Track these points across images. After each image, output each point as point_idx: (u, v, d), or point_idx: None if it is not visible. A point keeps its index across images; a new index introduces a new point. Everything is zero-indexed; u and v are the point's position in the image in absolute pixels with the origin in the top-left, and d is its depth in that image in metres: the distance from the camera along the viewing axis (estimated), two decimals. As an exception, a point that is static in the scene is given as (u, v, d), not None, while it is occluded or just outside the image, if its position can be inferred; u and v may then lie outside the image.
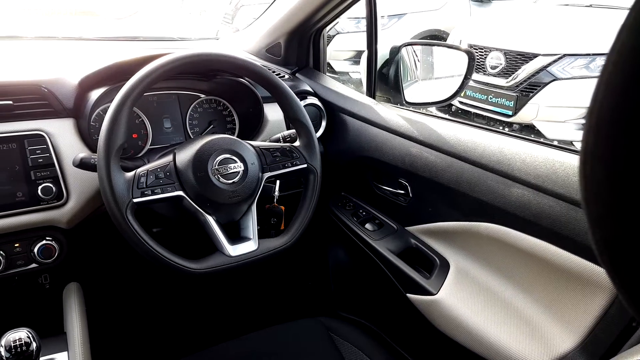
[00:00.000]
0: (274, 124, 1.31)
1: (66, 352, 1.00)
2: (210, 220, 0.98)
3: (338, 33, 4.67)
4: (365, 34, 1.35)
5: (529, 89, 3.52)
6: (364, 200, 1.38)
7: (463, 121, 1.16)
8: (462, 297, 1.06)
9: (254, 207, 1.04)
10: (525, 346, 0.93)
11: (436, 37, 4.96)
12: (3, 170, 0.97)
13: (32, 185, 0.99)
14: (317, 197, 1.10)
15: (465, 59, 1.26)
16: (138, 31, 1.78)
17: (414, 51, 1.43)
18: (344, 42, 4.66)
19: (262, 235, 1.05)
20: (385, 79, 1.37)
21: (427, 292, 1.10)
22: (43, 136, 1.02)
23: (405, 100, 1.33)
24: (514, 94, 3.59)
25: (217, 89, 1.32)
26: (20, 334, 0.79)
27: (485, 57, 3.80)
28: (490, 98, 3.75)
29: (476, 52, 3.84)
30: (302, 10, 1.34)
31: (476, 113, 3.91)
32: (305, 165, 1.08)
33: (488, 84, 3.78)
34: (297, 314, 1.30)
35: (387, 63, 1.36)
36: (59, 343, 1.02)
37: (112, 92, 1.09)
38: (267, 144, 1.10)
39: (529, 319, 0.95)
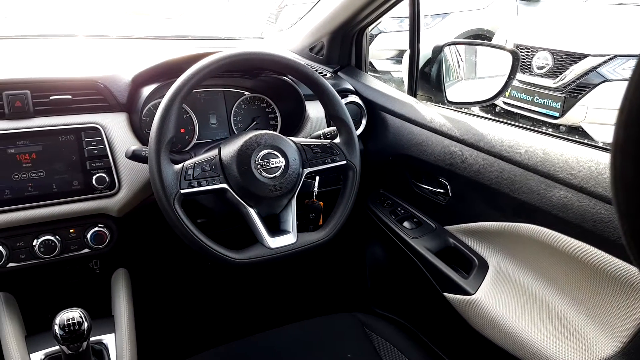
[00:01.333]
0: (315, 121, 1.34)
1: (113, 334, 1.06)
2: (252, 212, 1.01)
3: (380, 32, 4.66)
4: (407, 33, 1.36)
5: (577, 90, 3.42)
6: (402, 198, 1.39)
7: (505, 121, 1.15)
8: (500, 298, 1.05)
9: (293, 202, 1.07)
10: (564, 350, 0.92)
11: (481, 37, 4.88)
12: (62, 160, 1.03)
13: (87, 174, 1.05)
14: (356, 193, 1.12)
15: (509, 58, 1.25)
16: (186, 30, 1.85)
17: (457, 50, 1.43)
18: (386, 41, 4.65)
19: (300, 229, 1.07)
20: (427, 78, 1.38)
21: (465, 292, 1.10)
22: (98, 129, 1.08)
23: (447, 99, 1.33)
24: (561, 95, 3.49)
25: (260, 87, 1.36)
26: (74, 314, 0.85)
27: (532, 57, 3.71)
28: (536, 99, 3.66)
29: (522, 52, 3.75)
30: (346, 10, 1.36)
31: (521, 114, 3.82)
32: (344, 162, 1.10)
33: (534, 84, 3.69)
34: (333, 309, 1.33)
35: (429, 62, 1.36)
36: (107, 325, 1.08)
37: (163, 88, 1.14)
38: (308, 140, 1.12)
39: (569, 323, 0.94)
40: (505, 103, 3.94)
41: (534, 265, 1.03)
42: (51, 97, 1.06)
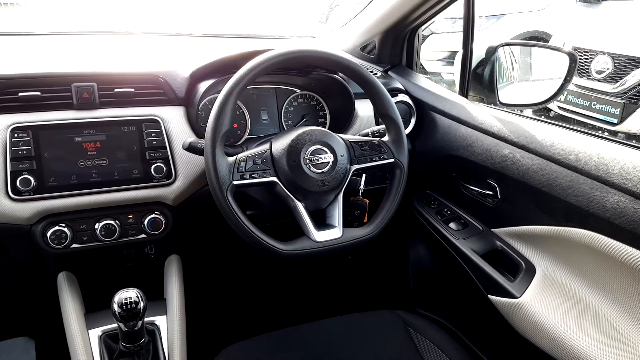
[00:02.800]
0: (363, 119, 1.35)
1: (165, 316, 1.12)
2: (299, 206, 1.04)
3: (432, 33, 4.60)
4: (461, 34, 1.35)
5: (638, 96, 3.26)
6: (449, 199, 1.38)
7: (558, 123, 1.13)
8: (547, 302, 1.03)
9: (340, 197, 1.08)
10: (612, 358, 0.89)
11: (537, 39, 4.73)
12: (123, 149, 1.09)
13: (146, 164, 1.11)
14: (402, 192, 1.12)
15: (566, 61, 1.22)
16: (241, 29, 1.90)
17: (512, 52, 1.41)
18: (438, 42, 4.59)
19: (345, 226, 1.09)
20: (479, 79, 1.36)
21: (510, 295, 1.09)
22: (158, 121, 1.13)
23: (499, 100, 1.31)
24: (621, 101, 3.34)
25: (311, 85, 1.39)
26: (131, 294, 0.90)
27: (591, 61, 3.57)
28: (594, 104, 3.52)
29: (581, 55, 3.61)
30: (399, 9, 1.37)
31: (577, 119, 3.69)
32: (392, 160, 1.11)
33: (592, 89, 3.55)
34: (375, 306, 1.34)
35: (482, 63, 1.35)
36: (160, 307, 1.13)
37: (219, 84, 1.19)
38: (356, 137, 1.14)
39: (619, 331, 0.91)
40: (560, 107, 3.81)
41: (584, 271, 1.00)
42: (115, 90, 1.12)
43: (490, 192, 1.23)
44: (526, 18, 4.84)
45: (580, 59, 3.58)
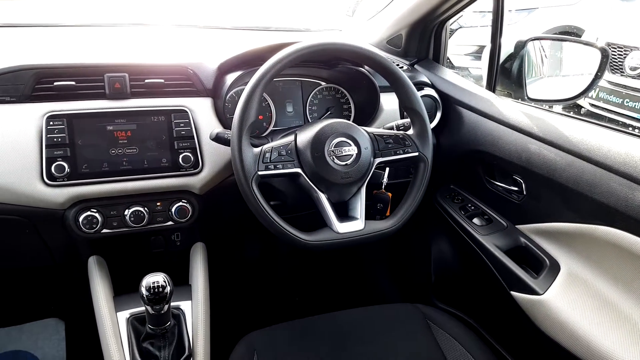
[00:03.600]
0: (388, 113, 1.35)
1: (190, 301, 1.15)
2: (322, 197, 1.05)
3: (461, 27, 4.54)
4: (489, 28, 1.33)
5: (675, 93, 3.17)
6: (473, 194, 1.38)
7: (587, 119, 1.11)
8: (571, 300, 1.02)
9: (363, 190, 1.09)
10: (636, 358, 0.88)
11: (568, 34, 4.61)
12: (153, 138, 1.12)
13: (174, 153, 1.13)
14: (426, 186, 1.12)
15: (597, 56, 1.20)
16: (268, 22, 1.92)
17: (542, 46, 1.39)
18: (466, 36, 4.53)
19: (367, 219, 1.09)
20: (507, 74, 1.35)
21: (533, 292, 1.08)
22: (186, 112, 1.16)
23: (527, 95, 1.30)
24: (656, 99, 3.25)
25: (336, 77, 1.40)
26: (158, 278, 0.93)
27: (625, 57, 3.48)
28: (626, 102, 3.43)
29: (614, 51, 3.52)
30: (428, 2, 1.36)
31: (608, 117, 3.60)
32: (416, 154, 1.11)
33: (625, 86, 3.45)
34: (395, 299, 1.34)
35: (510, 58, 1.33)
36: (185, 293, 1.17)
37: (245, 76, 1.21)
38: (381, 130, 1.14)
39: (645, 331, 0.90)
40: (591, 104, 3.72)
41: (609, 270, 0.99)
42: (146, 81, 1.15)
43: (516, 188, 1.22)
44: (558, 12, 4.72)
45: (613, 54, 3.49)
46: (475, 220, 1.31)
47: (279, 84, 1.36)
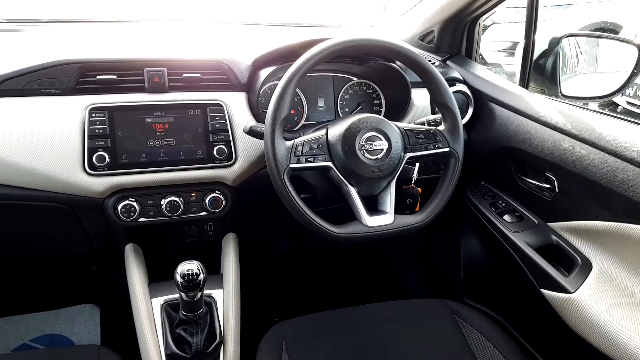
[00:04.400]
0: (419, 108, 1.36)
1: (221, 290, 1.18)
2: (352, 191, 1.07)
3: (494, 23, 4.47)
4: (524, 24, 1.32)
5: None
6: (504, 191, 1.37)
7: (621, 117, 1.09)
8: (602, 299, 1.01)
9: (393, 184, 1.10)
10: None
11: (605, 31, 4.49)
12: (189, 131, 1.16)
13: (209, 146, 1.17)
14: (456, 182, 1.12)
15: (635, 53, 1.18)
16: (301, 18, 1.94)
17: (577, 43, 1.37)
18: (499, 32, 4.45)
19: (396, 214, 1.10)
20: (540, 70, 1.34)
21: (564, 290, 1.07)
22: (221, 105, 1.19)
23: (561, 92, 1.28)
24: (698, 98, 3.14)
25: (368, 73, 1.41)
26: (192, 266, 0.96)
27: (665, 54, 3.36)
28: (666, 100, 3.32)
29: (654, 48, 3.41)
30: (461, -1, 1.36)
31: (647, 116, 3.49)
32: (447, 149, 1.12)
33: (665, 84, 3.34)
34: (423, 294, 1.35)
35: (544, 54, 1.32)
36: (217, 281, 1.20)
37: (279, 71, 1.23)
38: (411, 125, 1.15)
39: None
40: (628, 102, 3.62)
41: (643, 269, 0.98)
42: (183, 75, 1.19)
43: (548, 186, 1.21)
44: (595, 8, 4.60)
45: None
46: (506, 217, 1.31)
47: (310, 79, 1.38)
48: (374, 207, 1.11)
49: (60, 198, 1.12)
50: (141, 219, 1.16)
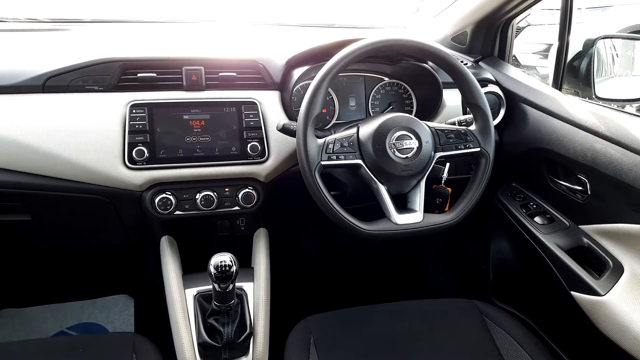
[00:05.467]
0: (450, 109, 1.36)
1: (252, 283, 1.21)
2: (382, 189, 1.08)
3: (528, 25, 4.40)
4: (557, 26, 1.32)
5: None
6: (535, 193, 1.36)
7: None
8: (634, 302, 1.00)
9: (422, 183, 1.11)
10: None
11: (644, 33, 4.36)
12: (224, 128, 1.20)
13: (243, 142, 1.20)
14: (486, 182, 1.13)
15: (674, 55, 1.16)
16: (333, 19, 1.96)
17: (612, 45, 1.35)
18: (534, 34, 4.38)
19: (426, 213, 1.11)
20: (574, 72, 1.33)
21: (594, 292, 1.06)
22: (256, 103, 1.22)
23: (595, 94, 1.27)
24: None
25: (399, 73, 1.42)
26: (225, 258, 0.98)
27: None
28: None
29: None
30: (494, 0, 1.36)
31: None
32: (478, 149, 1.12)
33: None
34: (451, 294, 1.35)
35: (579, 56, 1.31)
36: (248, 275, 1.23)
37: (312, 71, 1.26)
38: (442, 125, 1.16)
39: None
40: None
41: (677, 274, 0.96)
42: (220, 74, 1.23)
43: (580, 188, 1.20)
44: (635, 10, 4.47)
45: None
46: (537, 219, 1.30)
47: (342, 79, 1.40)
48: (403, 205, 1.13)
49: (101, 190, 1.17)
50: (177, 212, 1.20)
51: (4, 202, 1.23)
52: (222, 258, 0.98)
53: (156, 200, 1.18)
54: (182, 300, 1.15)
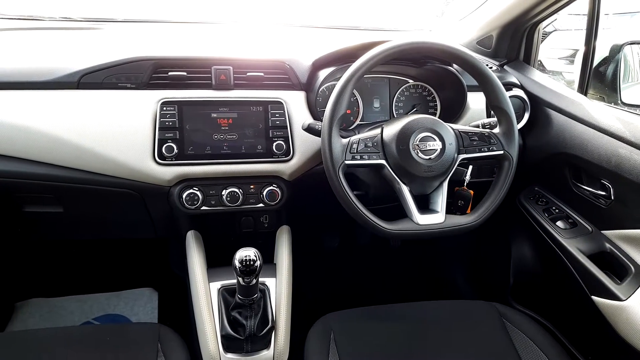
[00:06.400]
0: (475, 112, 1.37)
1: (274, 279, 1.24)
2: (404, 189, 1.10)
3: (555, 30, 4.35)
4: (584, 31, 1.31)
5: None
6: (558, 197, 1.36)
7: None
8: (656, 308, 1.00)
9: (445, 185, 1.12)
10: None
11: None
12: (251, 126, 1.23)
13: (269, 141, 1.23)
14: (509, 185, 1.13)
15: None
16: (359, 21, 1.98)
17: (640, 51, 1.34)
18: (561, 39, 4.32)
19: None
20: (600, 78, 1.32)
21: (615, 297, 1.06)
22: (282, 103, 1.25)
23: (621, 100, 1.27)
24: None
25: (424, 75, 1.43)
26: (250, 252, 1.01)
27: None
28: None
29: None
30: (521, 4, 1.36)
31: None
32: (501, 152, 1.12)
33: None
34: (471, 297, 1.35)
35: (605, 61, 1.31)
36: (270, 270, 1.25)
37: (337, 72, 1.28)
38: (466, 127, 1.17)
39: None
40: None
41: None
42: (248, 74, 1.26)
43: (603, 193, 1.19)
44: (666, 16, 4.38)
45: None
46: (559, 224, 1.30)
47: (367, 80, 1.42)
48: (425, 206, 1.14)
49: (131, 184, 1.20)
50: (203, 208, 1.23)
51: (37, 194, 1.28)
52: (247, 253, 1.00)
53: (184, 196, 1.21)
54: (206, 293, 1.18)
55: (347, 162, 1.06)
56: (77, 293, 1.86)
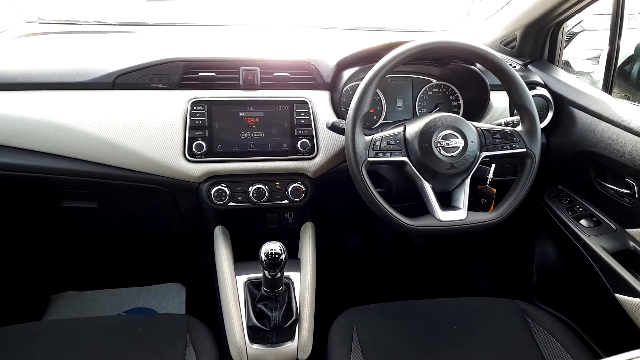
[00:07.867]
0: (498, 110, 1.38)
1: (299, 273, 1.27)
2: (427, 186, 1.11)
3: (583, 30, 4.28)
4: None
5: None
6: (582, 196, 1.35)
7: None
8: (680, 307, 0.99)
9: (467, 182, 1.13)
10: None
11: None
12: (277, 125, 1.26)
13: (294, 139, 1.26)
14: (531, 183, 1.13)
15: None
16: (382, 22, 2.00)
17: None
18: (588, 40, 4.25)
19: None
20: (626, 76, 1.32)
21: (639, 295, 1.06)
22: (307, 102, 1.29)
23: (647, 98, 1.26)
24: None
25: (447, 75, 1.45)
26: (275, 246, 1.04)
27: None
28: None
29: None
30: (545, 3, 1.36)
31: None
32: (524, 150, 1.13)
33: None
34: (494, 294, 1.35)
35: (630, 60, 1.30)
36: (294, 265, 1.29)
37: (361, 72, 1.30)
38: (489, 125, 1.17)
39: None
40: None
41: None
42: (274, 74, 1.30)
43: (628, 191, 1.19)
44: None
45: None
46: (583, 222, 1.29)
47: (390, 80, 1.44)
48: (447, 203, 1.15)
49: (162, 181, 1.25)
50: (231, 204, 1.28)
51: (74, 190, 1.34)
52: (273, 246, 1.04)
53: (212, 192, 1.26)
54: (233, 286, 1.22)
55: (369, 159, 1.08)
56: (109, 287, 1.93)
